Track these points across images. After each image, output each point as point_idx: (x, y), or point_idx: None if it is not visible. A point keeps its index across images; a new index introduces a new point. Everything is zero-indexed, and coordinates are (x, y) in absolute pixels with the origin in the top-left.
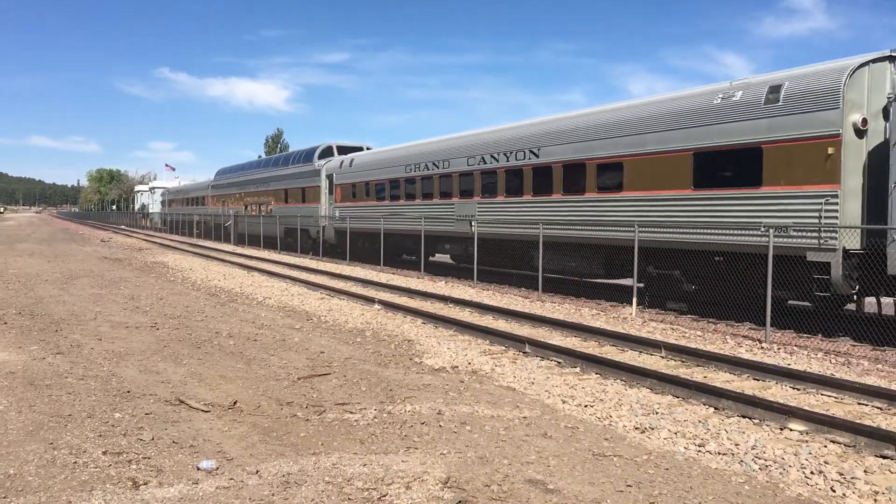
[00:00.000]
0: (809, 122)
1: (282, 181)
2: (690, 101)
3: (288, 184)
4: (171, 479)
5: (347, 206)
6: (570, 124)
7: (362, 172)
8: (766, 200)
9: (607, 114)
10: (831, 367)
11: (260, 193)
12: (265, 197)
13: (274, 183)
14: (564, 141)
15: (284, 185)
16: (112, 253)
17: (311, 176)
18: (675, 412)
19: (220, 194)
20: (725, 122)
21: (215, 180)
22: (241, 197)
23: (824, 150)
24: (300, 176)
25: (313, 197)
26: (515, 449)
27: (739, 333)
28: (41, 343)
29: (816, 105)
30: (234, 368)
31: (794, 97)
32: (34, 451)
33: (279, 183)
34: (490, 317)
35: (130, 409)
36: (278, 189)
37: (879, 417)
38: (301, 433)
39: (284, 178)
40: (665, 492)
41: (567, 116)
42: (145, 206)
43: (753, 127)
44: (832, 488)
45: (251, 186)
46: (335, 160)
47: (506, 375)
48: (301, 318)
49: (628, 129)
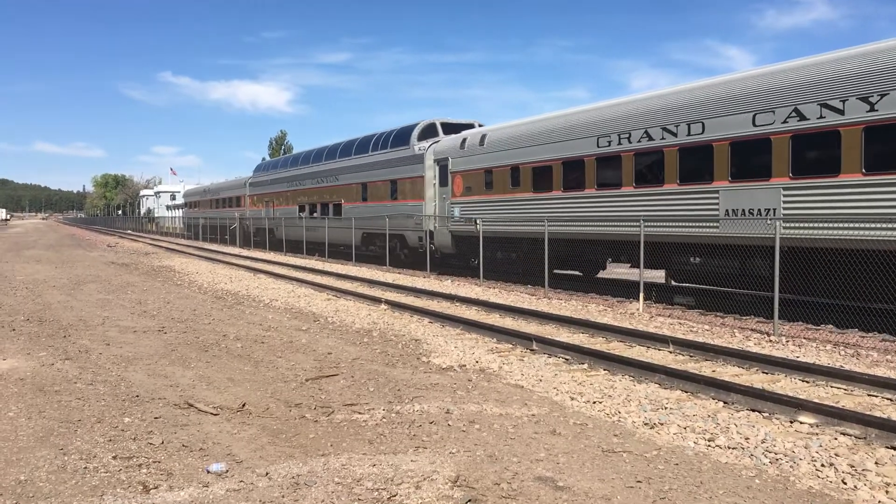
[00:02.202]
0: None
1: (357, 173)
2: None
3: (367, 175)
4: (181, 483)
5: (476, 203)
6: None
7: (504, 153)
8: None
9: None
10: (840, 358)
11: (322, 190)
12: (331, 194)
13: (345, 176)
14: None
15: (362, 177)
16: (119, 258)
17: (408, 163)
18: (684, 407)
19: (261, 193)
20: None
21: (254, 177)
22: (291, 196)
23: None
24: (388, 164)
25: (411, 191)
26: (524, 447)
27: (747, 327)
28: (50, 349)
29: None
30: (241, 371)
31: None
32: (45, 456)
33: (353, 175)
34: (497, 315)
35: (140, 413)
36: (351, 184)
37: (890, 409)
38: (310, 434)
39: (361, 168)
40: (675, 487)
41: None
42: (151, 211)
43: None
44: (843, 481)
45: (308, 182)
46: (448, 140)
47: (513, 373)
48: (308, 319)
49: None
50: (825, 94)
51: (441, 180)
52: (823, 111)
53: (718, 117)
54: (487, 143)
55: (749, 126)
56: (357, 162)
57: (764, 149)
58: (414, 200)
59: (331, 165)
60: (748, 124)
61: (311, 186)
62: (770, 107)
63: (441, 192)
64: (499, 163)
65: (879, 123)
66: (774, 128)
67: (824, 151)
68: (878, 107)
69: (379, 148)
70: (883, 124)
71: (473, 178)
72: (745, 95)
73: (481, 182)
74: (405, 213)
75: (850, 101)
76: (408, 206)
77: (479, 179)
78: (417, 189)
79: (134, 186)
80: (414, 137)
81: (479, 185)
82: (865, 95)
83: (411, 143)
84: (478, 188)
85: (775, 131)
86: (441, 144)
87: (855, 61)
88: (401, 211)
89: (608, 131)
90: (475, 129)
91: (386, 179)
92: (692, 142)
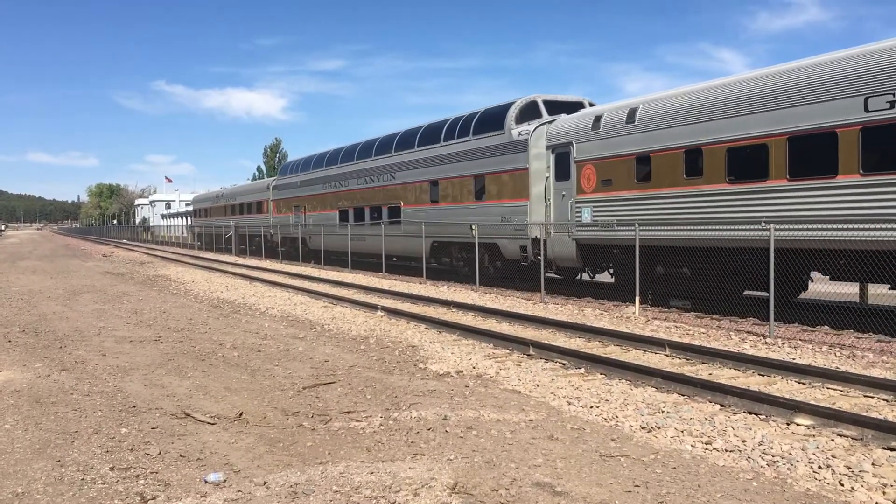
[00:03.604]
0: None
1: (423, 168)
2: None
3: (439, 171)
4: (178, 494)
5: (623, 201)
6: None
7: (672, 131)
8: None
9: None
10: (836, 360)
11: (372, 192)
12: (384, 195)
13: (405, 173)
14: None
15: (430, 173)
16: (114, 268)
17: (503, 153)
18: (680, 410)
19: (289, 197)
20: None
21: (280, 178)
22: (329, 199)
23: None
24: (471, 156)
25: (509, 188)
26: (522, 452)
27: (743, 329)
28: (46, 360)
29: None
30: (238, 380)
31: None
32: (41, 468)
33: (416, 172)
34: (493, 320)
35: (137, 423)
36: (414, 182)
37: (886, 409)
38: (307, 443)
39: (430, 162)
40: (673, 491)
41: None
42: (146, 220)
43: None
44: (840, 482)
45: (352, 182)
46: (568, 121)
47: (510, 379)
48: (304, 327)
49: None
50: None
51: (558, 172)
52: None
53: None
54: (641, 118)
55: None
56: (423, 155)
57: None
58: (512, 200)
59: (384, 161)
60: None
61: (356, 188)
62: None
63: (559, 188)
64: (662, 145)
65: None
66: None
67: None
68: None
69: (456, 136)
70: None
71: (616, 168)
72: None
73: (630, 172)
74: (499, 217)
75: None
76: (503, 208)
77: (628, 169)
78: (518, 185)
79: (129, 196)
80: (510, 119)
81: (625, 176)
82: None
83: (506, 127)
84: (624, 181)
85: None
86: (557, 126)
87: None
88: (492, 213)
89: (891, 86)
90: (612, 105)
91: (468, 175)
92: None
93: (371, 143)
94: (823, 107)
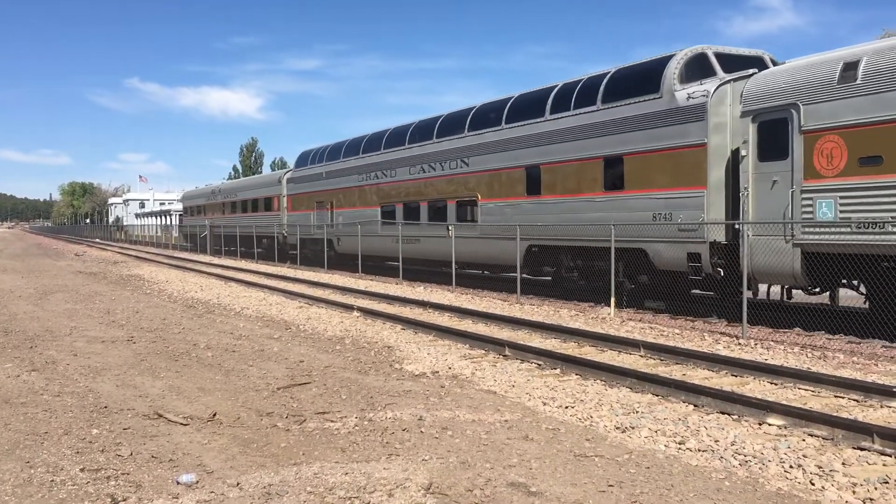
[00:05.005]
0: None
1: (518, 149)
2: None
3: (543, 153)
4: (150, 495)
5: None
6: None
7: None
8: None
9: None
10: (808, 360)
11: (432, 183)
12: (450, 187)
13: (483, 158)
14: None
15: (526, 156)
16: (87, 267)
17: (659, 123)
18: (654, 410)
19: (311, 192)
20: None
21: (297, 169)
22: (368, 192)
23: None
24: (599, 130)
25: (666, 172)
26: (497, 452)
27: (717, 330)
28: (16, 360)
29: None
30: (212, 380)
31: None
32: (10, 470)
33: (502, 155)
34: (469, 321)
35: (108, 424)
36: (500, 169)
37: (856, 410)
38: (282, 443)
39: (527, 142)
40: (647, 490)
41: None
42: (119, 219)
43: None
44: (811, 481)
45: (401, 171)
46: (787, 73)
47: (486, 379)
48: (279, 327)
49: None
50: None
51: (766, 149)
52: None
53: None
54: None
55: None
56: (514, 133)
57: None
58: (672, 189)
59: (450, 144)
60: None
61: (408, 178)
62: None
63: (765, 172)
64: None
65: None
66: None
67: None
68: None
69: (573, 106)
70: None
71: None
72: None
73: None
74: (648, 213)
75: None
76: (654, 200)
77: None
78: (684, 168)
79: (102, 194)
80: (671, 77)
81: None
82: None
83: (665, 88)
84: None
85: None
86: (761, 82)
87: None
88: (635, 208)
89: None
90: (878, 44)
91: (592, 156)
92: None
93: (430, 123)
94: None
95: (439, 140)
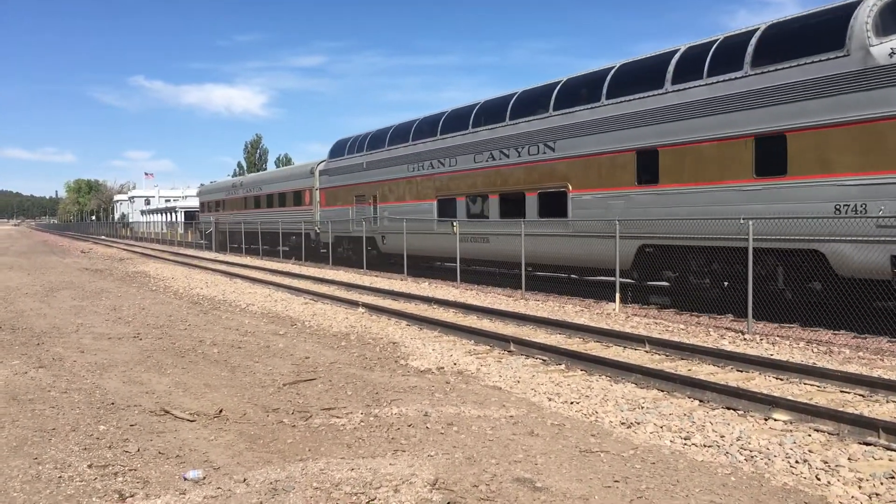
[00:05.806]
0: None
1: (625, 129)
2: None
3: (661, 132)
4: (157, 491)
5: None
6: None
7: None
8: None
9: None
10: (813, 356)
11: (505, 172)
12: (531, 177)
13: (577, 140)
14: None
15: (641, 136)
16: (93, 264)
17: (842, 89)
18: (660, 406)
19: (349, 184)
20: None
21: (331, 160)
22: (426, 184)
23: None
24: (747, 101)
25: (851, 153)
26: (503, 448)
27: (722, 325)
28: (23, 357)
29: None
30: (218, 377)
31: None
32: (18, 466)
33: (609, 136)
34: (474, 316)
35: (115, 420)
36: (602, 153)
37: (862, 405)
38: (288, 440)
39: (637, 120)
40: (652, 486)
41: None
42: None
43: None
44: (817, 476)
45: (462, 159)
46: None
47: (491, 375)
48: (285, 323)
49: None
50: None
51: None
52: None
53: None
54: None
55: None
56: (620, 111)
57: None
58: (866, 173)
59: (530, 126)
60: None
61: (473, 167)
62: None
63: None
64: None
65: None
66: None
67: None
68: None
69: (705, 74)
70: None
71: None
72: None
73: None
74: (830, 204)
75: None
76: (836, 189)
77: None
78: (887, 146)
79: (107, 192)
80: (862, 29)
81: None
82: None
83: (852, 44)
84: None
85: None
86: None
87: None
88: (805, 198)
89: None
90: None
91: (738, 135)
92: None
93: (501, 102)
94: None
95: (515, 121)
